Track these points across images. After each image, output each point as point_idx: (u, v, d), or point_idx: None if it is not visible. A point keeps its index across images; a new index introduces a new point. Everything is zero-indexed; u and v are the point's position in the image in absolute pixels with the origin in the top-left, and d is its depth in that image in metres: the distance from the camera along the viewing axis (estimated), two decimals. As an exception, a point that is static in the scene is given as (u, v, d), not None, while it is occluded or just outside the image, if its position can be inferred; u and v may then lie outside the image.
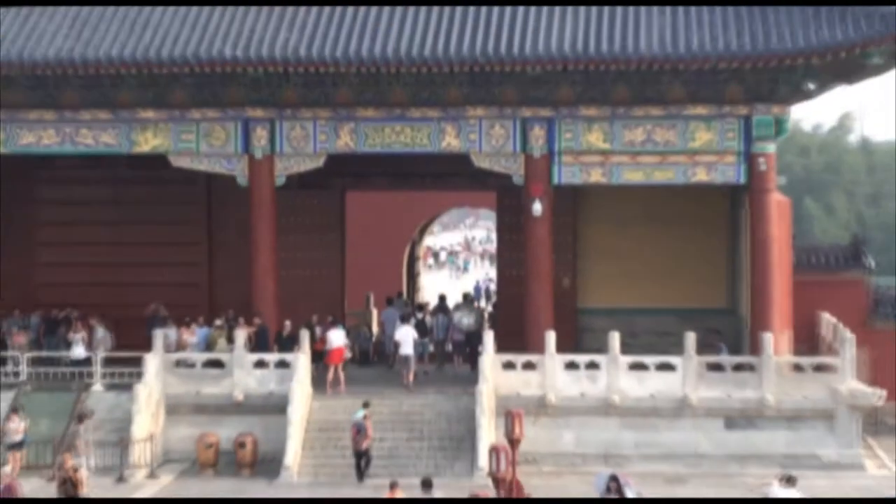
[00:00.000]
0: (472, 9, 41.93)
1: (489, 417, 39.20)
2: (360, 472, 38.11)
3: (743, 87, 41.61)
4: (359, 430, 38.10)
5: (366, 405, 39.01)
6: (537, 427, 39.55)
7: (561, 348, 41.24)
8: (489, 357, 40.86)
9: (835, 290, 46.84)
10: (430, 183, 51.56)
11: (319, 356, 42.99)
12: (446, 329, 46.81)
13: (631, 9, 41.68)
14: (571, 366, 40.94)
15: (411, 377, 43.27)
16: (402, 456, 38.81)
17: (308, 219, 48.47)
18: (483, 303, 57.28)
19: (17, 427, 38.77)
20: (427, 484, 30.41)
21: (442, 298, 51.73)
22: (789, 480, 29.94)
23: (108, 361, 42.84)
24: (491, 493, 30.59)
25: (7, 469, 34.57)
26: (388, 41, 41.10)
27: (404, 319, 45.92)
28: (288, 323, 43.15)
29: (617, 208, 46.38)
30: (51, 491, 34.29)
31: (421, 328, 45.94)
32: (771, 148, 42.19)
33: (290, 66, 41.13)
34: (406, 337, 44.12)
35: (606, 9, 41.73)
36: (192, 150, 43.08)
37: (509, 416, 37.27)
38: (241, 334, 41.69)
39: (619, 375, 40.57)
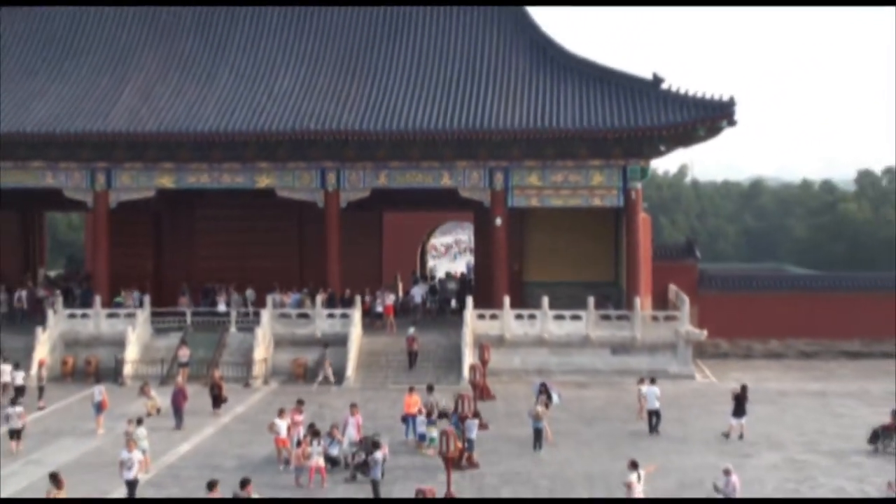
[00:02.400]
0: (459, 98, 41.81)
1: (469, 347, 38.99)
2: (412, 364, 38.55)
3: (622, 149, 41.22)
4: (413, 339, 38.72)
5: (414, 324, 39.51)
6: (498, 354, 39.26)
7: (513, 306, 40.98)
8: (469, 311, 40.52)
9: (677, 271, 46.56)
10: (434, 206, 51.36)
11: (367, 312, 42.68)
12: (443, 291, 47.93)
13: (555, 96, 41.61)
14: (519, 316, 40.68)
15: (419, 316, 43.79)
16: (415, 370, 38.51)
17: (360, 228, 47.95)
18: (471, 276, 57.07)
19: (185, 353, 38.75)
20: (430, 388, 30.25)
21: (446, 274, 52.63)
22: (652, 381, 31.07)
23: (239, 314, 42.59)
24: (471, 393, 30.37)
25: (179, 379, 34.37)
26: (409, 119, 40.93)
27: (415, 283, 47.51)
28: (348, 290, 42.78)
29: (547, 221, 45.88)
30: (204, 392, 34.13)
31: (433, 290, 47.29)
32: (639, 185, 41.83)
33: (349, 136, 40.88)
34: (416, 293, 45.45)
35: (541, 96, 41.66)
36: (290, 186, 42.68)
37: (481, 347, 37.22)
38: (319, 297, 41.41)
39: (548, 322, 40.32)
